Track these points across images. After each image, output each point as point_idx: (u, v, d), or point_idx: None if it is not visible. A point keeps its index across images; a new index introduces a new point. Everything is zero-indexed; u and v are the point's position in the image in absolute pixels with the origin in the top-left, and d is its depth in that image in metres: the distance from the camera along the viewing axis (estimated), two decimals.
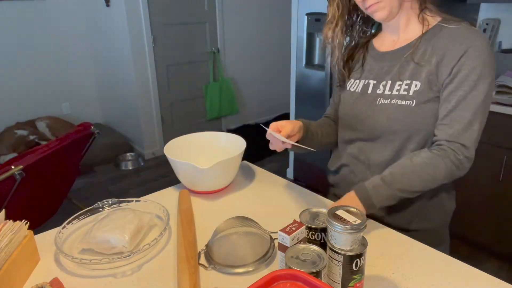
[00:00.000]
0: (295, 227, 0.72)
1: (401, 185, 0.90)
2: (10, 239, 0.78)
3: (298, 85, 2.90)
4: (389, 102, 0.95)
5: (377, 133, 0.99)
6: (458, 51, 0.87)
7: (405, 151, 0.96)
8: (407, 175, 0.90)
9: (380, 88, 0.99)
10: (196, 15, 3.72)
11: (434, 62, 0.91)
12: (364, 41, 1.09)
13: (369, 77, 1.03)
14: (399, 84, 0.95)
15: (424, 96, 0.91)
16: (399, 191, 0.90)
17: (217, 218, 1.03)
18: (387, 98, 0.96)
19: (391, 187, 0.90)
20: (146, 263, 0.85)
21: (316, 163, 2.86)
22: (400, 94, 0.94)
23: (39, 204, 2.12)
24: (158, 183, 3.23)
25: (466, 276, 0.78)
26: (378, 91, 0.99)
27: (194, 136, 1.27)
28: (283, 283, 0.59)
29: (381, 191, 0.91)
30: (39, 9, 3.54)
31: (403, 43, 0.98)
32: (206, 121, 4.12)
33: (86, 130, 2.12)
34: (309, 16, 2.67)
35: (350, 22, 1.06)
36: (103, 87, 4.03)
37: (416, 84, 0.92)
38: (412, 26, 0.97)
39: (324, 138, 1.15)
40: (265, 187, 1.18)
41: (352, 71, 1.09)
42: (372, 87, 1.01)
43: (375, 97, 0.99)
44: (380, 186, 0.91)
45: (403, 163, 0.92)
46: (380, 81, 1.00)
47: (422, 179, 0.90)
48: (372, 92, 1.00)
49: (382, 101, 0.97)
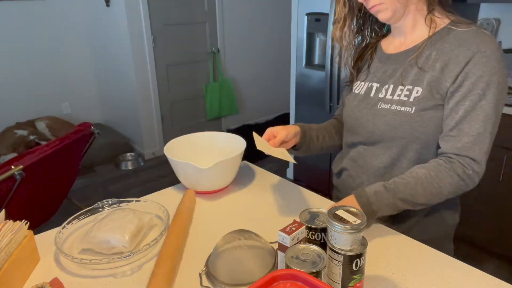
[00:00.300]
0: (295, 227, 0.72)
1: (403, 195, 0.86)
2: (10, 239, 0.78)
3: (298, 85, 2.90)
4: (389, 107, 0.93)
5: (375, 138, 0.97)
6: (464, 57, 0.83)
7: (403, 159, 0.93)
8: (411, 186, 0.86)
9: (382, 92, 0.96)
10: (196, 15, 3.72)
11: (438, 67, 0.87)
12: (374, 41, 1.06)
13: (373, 79, 1.00)
14: (401, 89, 0.92)
15: (425, 103, 0.87)
16: (401, 201, 0.87)
17: (217, 218, 1.03)
18: (388, 103, 0.93)
19: (393, 196, 0.86)
20: (146, 263, 0.85)
21: (316, 163, 2.87)
22: (400, 100, 0.91)
23: (39, 204, 2.12)
24: (158, 183, 3.23)
25: (466, 276, 0.78)
26: (380, 95, 0.96)
27: (194, 136, 1.27)
28: (283, 283, 0.59)
29: (382, 198, 0.87)
30: (39, 9, 3.54)
31: (409, 45, 0.95)
32: (206, 121, 4.12)
33: (86, 130, 2.12)
34: (309, 16, 2.67)
35: (362, 21, 1.03)
36: (103, 87, 4.03)
37: (418, 90, 0.89)
38: (419, 28, 0.93)
39: (327, 141, 1.13)
40: (265, 187, 1.18)
41: (360, 72, 1.06)
42: (375, 90, 0.98)
43: (377, 101, 0.96)
44: (381, 193, 0.87)
45: (408, 173, 0.88)
46: (383, 85, 0.97)
47: (427, 192, 0.86)
48: (374, 95, 0.98)
49: (383, 106, 0.94)
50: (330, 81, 2.59)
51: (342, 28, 0.99)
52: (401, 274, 0.79)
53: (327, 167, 2.76)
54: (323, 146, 1.13)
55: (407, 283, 0.77)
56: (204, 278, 0.80)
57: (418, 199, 0.87)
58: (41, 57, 3.64)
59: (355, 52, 1.06)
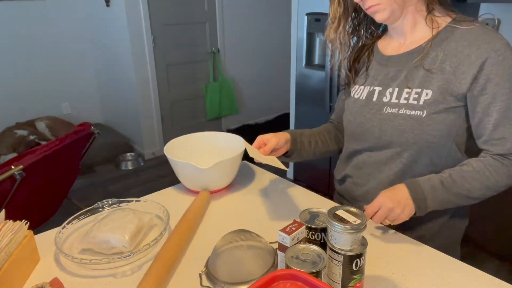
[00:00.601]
0: (295, 227, 0.72)
1: (460, 189, 0.85)
2: (10, 239, 0.78)
3: (298, 85, 2.90)
4: (396, 111, 0.90)
5: (383, 144, 0.94)
6: (476, 57, 0.81)
7: (416, 165, 0.91)
8: (468, 180, 0.85)
9: (386, 96, 0.93)
10: (196, 15, 3.72)
11: (448, 69, 0.85)
12: (370, 42, 1.03)
13: (374, 83, 0.97)
14: (408, 92, 0.89)
15: (436, 106, 0.85)
16: (454, 196, 0.85)
17: (217, 218, 1.03)
18: (394, 107, 0.90)
19: (449, 191, 0.85)
20: (146, 263, 0.85)
21: (316, 163, 2.87)
22: (409, 104, 0.88)
23: (39, 204, 2.12)
24: (158, 183, 3.23)
25: (466, 276, 0.78)
26: (385, 99, 0.93)
27: (194, 136, 1.27)
28: (283, 283, 0.59)
29: (439, 194, 0.85)
30: (39, 9, 3.54)
31: (410, 46, 0.92)
32: (206, 121, 4.12)
33: (86, 130, 2.12)
34: (309, 16, 2.67)
35: (358, 21, 1.01)
36: (103, 87, 4.03)
37: (427, 93, 0.86)
38: (420, 28, 0.91)
39: (320, 147, 1.11)
40: (265, 187, 1.18)
41: (357, 74, 1.03)
42: (378, 94, 0.95)
43: (381, 105, 0.93)
44: (438, 189, 0.85)
45: (462, 168, 0.87)
46: (386, 88, 0.94)
47: (483, 185, 0.85)
48: (377, 99, 0.94)
49: (389, 110, 0.91)
50: (330, 81, 2.59)
51: (337, 28, 0.97)
52: (401, 274, 0.79)
53: (327, 167, 2.76)
54: (315, 152, 1.11)
55: (407, 283, 0.77)
56: (204, 278, 0.80)
57: (473, 193, 0.86)
58: (41, 57, 3.64)
59: (351, 53, 1.03)
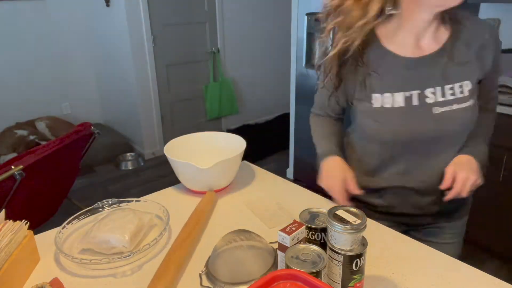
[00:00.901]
0: (295, 227, 0.72)
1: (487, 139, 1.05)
2: (10, 239, 0.78)
3: (298, 85, 2.90)
4: (449, 108, 0.92)
5: (440, 143, 0.97)
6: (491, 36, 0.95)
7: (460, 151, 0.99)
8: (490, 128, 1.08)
9: (429, 97, 0.93)
10: (196, 15, 3.72)
11: (474, 57, 0.94)
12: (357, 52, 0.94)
13: (406, 88, 0.93)
14: (451, 88, 0.92)
15: (474, 93, 0.94)
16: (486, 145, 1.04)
17: (217, 218, 1.03)
18: (445, 105, 0.92)
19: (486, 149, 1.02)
20: (146, 263, 0.85)
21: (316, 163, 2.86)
22: (457, 98, 0.93)
23: (39, 204, 2.12)
24: (158, 183, 3.23)
25: (466, 276, 0.78)
26: (429, 100, 0.93)
27: (194, 136, 1.27)
28: (283, 283, 0.59)
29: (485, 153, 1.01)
30: (39, 9, 3.54)
31: (433, 45, 0.93)
32: (206, 121, 4.12)
33: (86, 130, 2.12)
34: (309, 16, 2.67)
35: None
36: (103, 87, 4.03)
37: (467, 84, 0.93)
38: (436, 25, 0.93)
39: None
40: (265, 187, 1.18)
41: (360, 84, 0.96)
42: (418, 97, 0.93)
43: (429, 107, 0.93)
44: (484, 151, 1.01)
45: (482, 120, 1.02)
46: (423, 90, 0.93)
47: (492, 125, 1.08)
48: (420, 102, 0.93)
49: (441, 109, 0.92)
50: None
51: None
52: (401, 274, 0.79)
53: None
54: None
55: (407, 283, 0.77)
56: (204, 278, 0.80)
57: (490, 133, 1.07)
58: (41, 57, 3.64)
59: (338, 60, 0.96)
